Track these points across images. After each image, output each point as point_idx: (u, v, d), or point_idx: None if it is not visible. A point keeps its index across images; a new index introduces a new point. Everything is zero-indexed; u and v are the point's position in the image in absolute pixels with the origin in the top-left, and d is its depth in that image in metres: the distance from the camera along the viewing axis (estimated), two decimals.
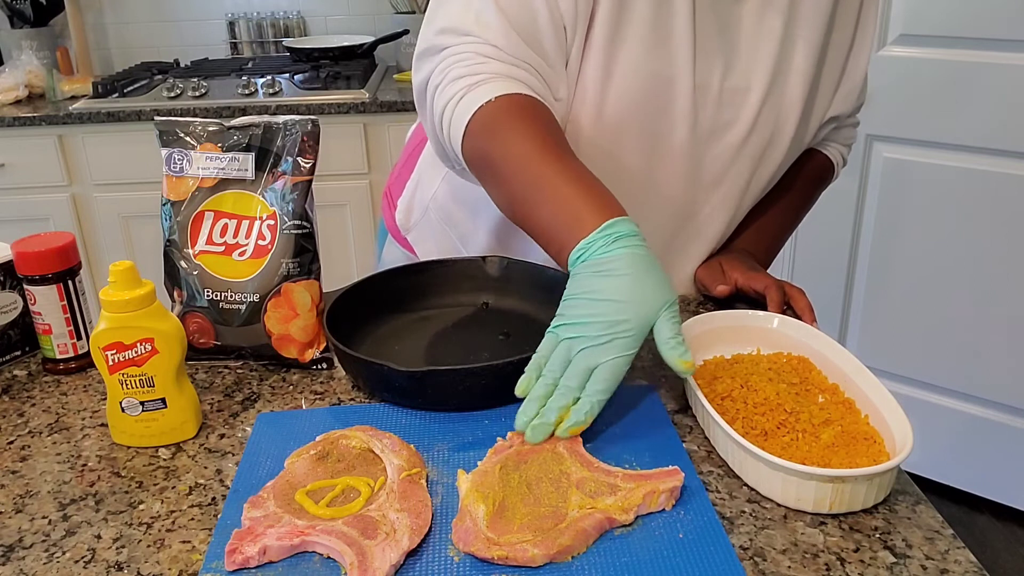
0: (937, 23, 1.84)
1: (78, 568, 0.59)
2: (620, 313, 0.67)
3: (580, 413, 0.66)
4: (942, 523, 0.61)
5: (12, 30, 2.55)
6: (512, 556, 0.56)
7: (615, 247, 0.70)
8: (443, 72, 0.83)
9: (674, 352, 0.68)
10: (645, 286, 0.68)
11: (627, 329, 0.67)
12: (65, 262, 0.83)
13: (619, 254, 0.69)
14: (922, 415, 2.05)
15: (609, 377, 0.67)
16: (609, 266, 0.69)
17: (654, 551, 0.58)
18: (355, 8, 2.68)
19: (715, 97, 0.89)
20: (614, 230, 0.70)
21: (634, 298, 0.68)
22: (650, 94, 0.87)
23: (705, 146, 0.92)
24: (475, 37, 0.82)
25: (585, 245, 0.71)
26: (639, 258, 0.69)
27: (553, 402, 0.67)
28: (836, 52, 0.94)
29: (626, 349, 0.67)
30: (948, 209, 1.92)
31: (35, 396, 0.83)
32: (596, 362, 0.67)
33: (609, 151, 0.91)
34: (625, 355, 0.67)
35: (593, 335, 0.67)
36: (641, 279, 0.69)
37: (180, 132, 0.84)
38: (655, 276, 0.70)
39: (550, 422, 0.66)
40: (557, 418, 0.66)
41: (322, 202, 0.86)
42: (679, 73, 0.86)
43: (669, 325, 0.68)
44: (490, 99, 0.79)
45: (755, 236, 1.05)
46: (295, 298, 0.82)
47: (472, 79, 0.80)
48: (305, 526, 0.59)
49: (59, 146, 2.21)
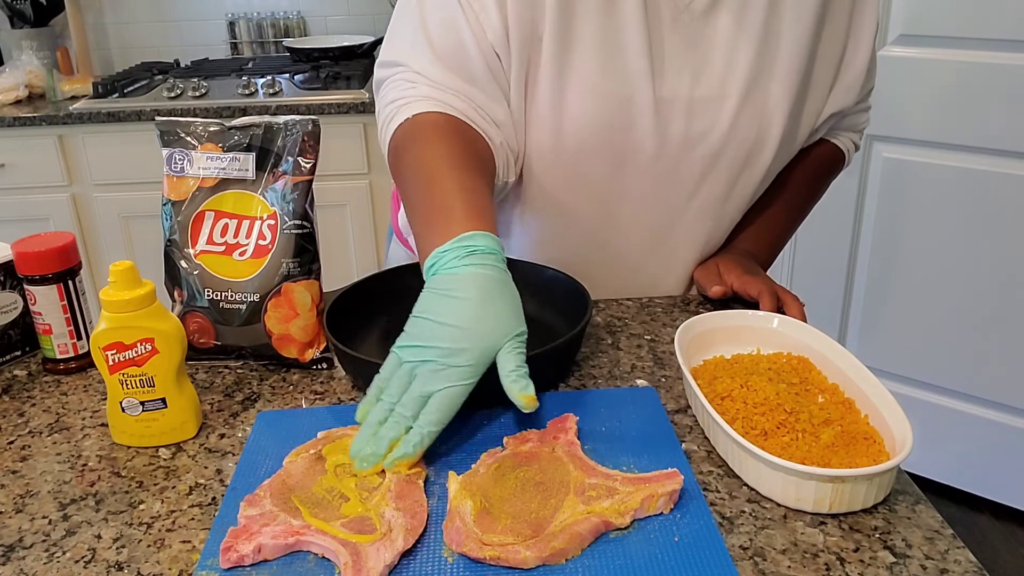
0: (937, 23, 1.84)
1: (78, 568, 0.59)
2: (459, 341, 0.65)
3: (408, 445, 0.63)
4: (942, 523, 0.61)
5: (12, 30, 2.55)
6: (504, 557, 0.56)
7: (465, 263, 0.67)
8: (381, 99, 0.90)
9: (515, 385, 0.64)
10: (488, 314, 0.66)
11: (465, 359, 0.64)
12: (65, 262, 0.83)
13: (467, 272, 0.67)
14: (922, 415, 2.05)
15: (443, 407, 0.64)
16: (454, 286, 0.67)
17: (649, 554, 0.58)
18: (355, 8, 2.68)
19: (684, 108, 0.88)
20: (470, 243, 0.68)
21: (475, 326, 0.65)
22: (608, 113, 0.87)
23: (678, 157, 0.91)
24: (405, 67, 0.87)
25: (438, 255, 0.69)
26: (488, 280, 0.67)
27: (385, 431, 0.65)
28: (828, 48, 0.91)
29: (462, 379, 0.64)
30: (948, 209, 1.92)
31: (35, 396, 0.83)
32: (431, 390, 0.64)
33: (572, 172, 0.91)
34: (461, 384, 0.64)
35: (431, 360, 0.65)
36: (486, 305, 0.66)
37: (181, 132, 0.84)
38: (502, 303, 0.67)
39: (380, 453, 0.64)
40: (388, 447, 0.64)
41: (322, 202, 0.86)
42: (637, 90, 0.86)
43: (512, 357, 0.65)
44: (408, 116, 0.84)
45: (756, 235, 1.05)
46: (295, 298, 0.82)
47: (400, 101, 0.86)
48: (300, 526, 0.59)
49: (59, 146, 2.21)
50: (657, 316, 0.95)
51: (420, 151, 0.81)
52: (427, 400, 0.64)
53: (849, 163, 1.12)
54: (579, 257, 0.97)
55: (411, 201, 0.80)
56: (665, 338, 0.89)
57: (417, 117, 0.83)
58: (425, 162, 0.80)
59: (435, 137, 0.82)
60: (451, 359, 0.64)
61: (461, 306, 0.66)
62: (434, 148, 0.80)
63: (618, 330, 0.91)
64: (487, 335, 0.65)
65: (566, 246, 0.98)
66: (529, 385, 0.64)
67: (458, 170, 0.78)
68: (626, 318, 0.94)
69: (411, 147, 0.82)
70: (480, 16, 0.83)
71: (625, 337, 0.90)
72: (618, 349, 0.87)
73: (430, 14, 0.86)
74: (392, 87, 0.88)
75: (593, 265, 0.97)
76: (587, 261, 0.97)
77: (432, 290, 0.68)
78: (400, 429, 0.64)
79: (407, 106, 0.85)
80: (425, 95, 0.85)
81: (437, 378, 0.64)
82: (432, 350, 0.65)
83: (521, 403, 0.64)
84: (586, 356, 0.85)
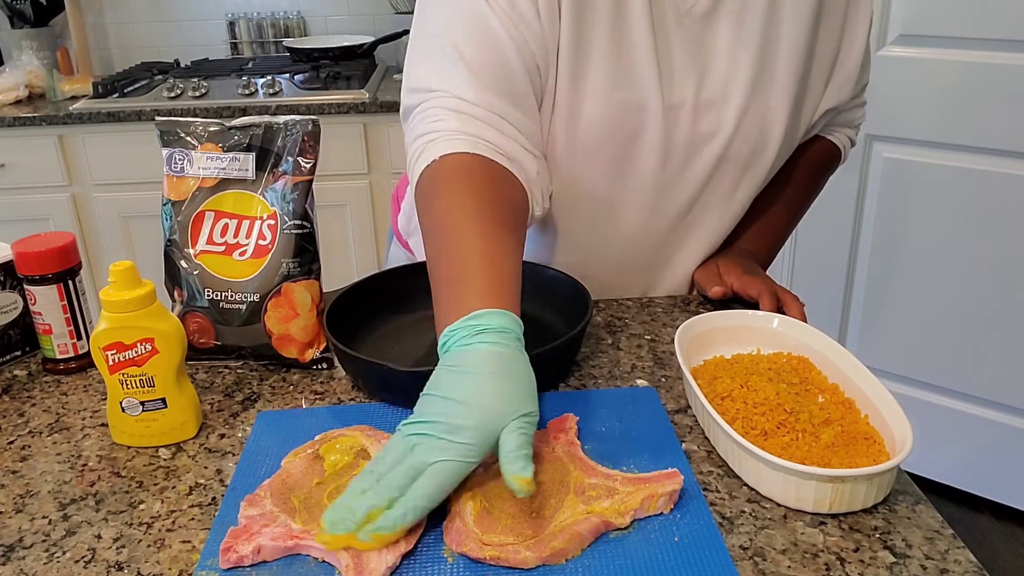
0: (937, 23, 1.84)
1: (78, 568, 0.59)
2: (463, 417, 0.60)
3: (390, 519, 0.57)
4: (942, 523, 0.61)
5: (12, 30, 2.55)
6: (504, 557, 0.56)
7: (475, 340, 0.63)
8: (410, 131, 0.83)
9: (512, 466, 0.58)
10: (496, 389, 0.61)
11: (466, 437, 0.59)
12: (65, 262, 0.83)
13: (477, 350, 0.63)
14: (922, 415, 2.05)
15: (435, 481, 0.58)
16: (464, 361, 0.63)
17: (649, 554, 0.58)
18: (355, 8, 2.68)
19: (690, 112, 0.88)
20: (480, 322, 0.64)
21: (481, 402, 0.61)
22: (620, 122, 0.86)
23: (682, 161, 0.91)
24: (441, 92, 0.81)
25: (449, 333, 0.65)
26: (498, 357, 0.63)
27: (366, 498, 0.58)
28: (825, 44, 0.91)
29: (461, 456, 0.59)
30: (948, 209, 1.92)
31: (35, 396, 0.83)
32: (426, 462, 0.59)
33: (578, 177, 0.91)
34: (458, 461, 0.59)
35: (432, 435, 0.60)
36: (495, 381, 0.62)
37: (181, 132, 0.84)
38: (511, 381, 0.63)
39: (355, 518, 0.57)
40: (364, 516, 0.57)
41: (322, 202, 0.86)
42: (647, 97, 0.85)
43: (515, 436, 0.60)
44: (435, 158, 0.78)
45: (756, 235, 1.05)
46: (295, 298, 0.82)
47: (429, 136, 0.80)
48: (300, 531, 0.59)
49: (59, 146, 2.21)
50: (657, 316, 0.95)
51: (444, 204, 0.75)
52: (419, 474, 0.59)
53: (845, 159, 1.12)
54: (581, 258, 0.97)
55: (431, 261, 0.74)
56: (665, 338, 0.89)
57: (444, 160, 0.77)
58: (448, 218, 0.74)
59: (461, 187, 0.76)
60: (452, 435, 0.59)
61: (468, 380, 0.62)
62: (458, 202, 0.75)
63: (618, 330, 0.91)
64: (491, 411, 0.61)
65: (568, 247, 0.98)
66: (528, 467, 0.58)
67: (482, 230, 0.72)
68: (626, 318, 0.94)
69: (435, 197, 0.77)
70: (519, 25, 0.79)
71: (625, 337, 0.90)
72: (618, 349, 0.87)
73: (458, 29, 0.80)
74: (421, 119, 0.82)
75: (595, 267, 0.97)
76: (589, 263, 0.97)
77: (443, 367, 0.64)
78: (383, 500, 0.58)
79: (434, 144, 0.79)
80: (455, 130, 0.79)
81: (435, 452, 0.59)
82: (433, 424, 0.60)
83: (515, 486, 0.58)
84: (586, 356, 0.85)
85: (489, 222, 0.73)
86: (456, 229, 0.73)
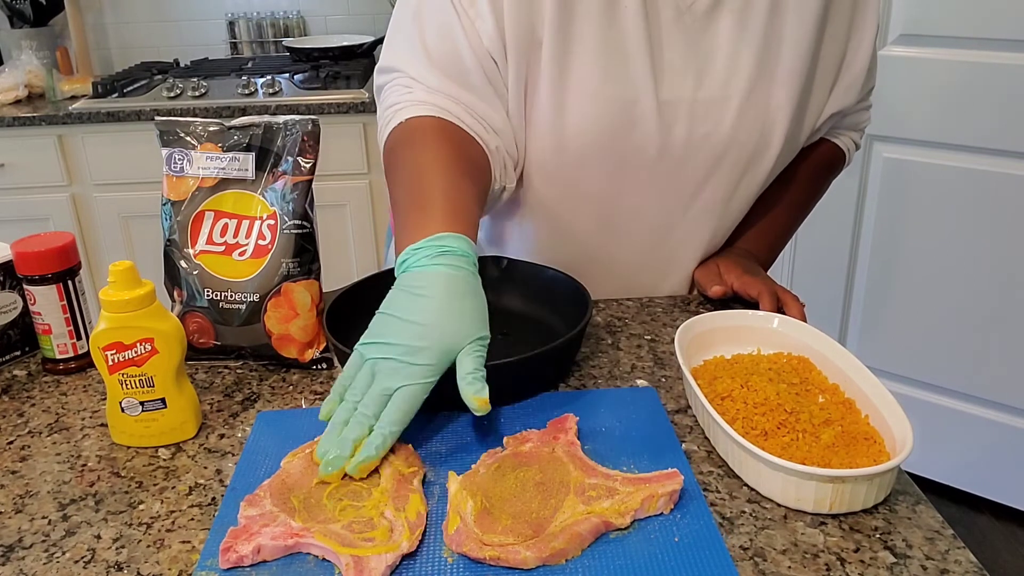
0: (937, 23, 1.84)
1: (78, 568, 0.59)
2: (422, 338, 0.64)
3: (371, 447, 0.63)
4: (942, 523, 0.61)
5: (12, 30, 2.55)
6: (504, 558, 0.56)
7: (437, 262, 0.67)
8: (381, 103, 0.91)
9: (470, 388, 0.63)
10: (454, 313, 0.66)
11: (425, 358, 0.64)
12: (65, 262, 0.83)
13: (436, 271, 0.67)
14: (922, 415, 2.05)
15: (403, 406, 0.64)
16: (422, 283, 0.67)
17: (649, 555, 0.57)
18: (355, 8, 2.68)
19: (687, 111, 0.88)
20: (444, 243, 0.68)
21: (439, 323, 0.65)
22: (611, 118, 0.87)
23: (680, 160, 0.91)
24: (402, 72, 0.88)
25: (410, 252, 0.69)
26: (456, 280, 0.67)
27: (348, 432, 0.64)
28: (830, 47, 0.91)
29: (423, 377, 0.64)
30: (948, 209, 1.92)
31: (35, 396, 0.83)
32: (392, 387, 0.64)
33: (574, 176, 0.91)
34: (421, 383, 0.64)
35: (393, 358, 0.64)
36: (452, 305, 0.66)
37: (180, 132, 0.84)
38: (469, 304, 0.67)
39: (345, 455, 0.63)
40: (353, 448, 0.63)
41: (322, 202, 0.86)
42: (640, 94, 0.86)
43: (472, 359, 0.65)
44: (403, 120, 0.84)
45: (757, 235, 1.05)
46: (295, 298, 0.82)
47: (397, 106, 0.86)
48: (300, 528, 0.59)
49: (59, 146, 2.21)
50: (657, 316, 0.95)
51: (411, 153, 0.82)
52: (388, 398, 0.64)
53: (850, 162, 1.12)
54: (580, 259, 0.97)
55: (395, 199, 0.80)
56: (665, 338, 0.89)
57: (411, 121, 0.84)
58: (414, 163, 0.80)
59: (428, 140, 0.82)
60: (411, 357, 0.64)
61: (426, 304, 0.66)
62: (425, 150, 0.81)
63: (618, 330, 0.91)
64: (449, 334, 0.65)
65: (567, 248, 0.98)
66: (484, 388, 0.63)
67: (445, 171, 0.78)
68: (626, 318, 0.94)
69: (403, 149, 0.83)
70: (476, 22, 0.84)
71: (625, 337, 0.90)
72: (618, 349, 0.87)
73: (427, 20, 0.86)
74: (390, 92, 0.89)
75: (594, 267, 0.97)
76: (588, 263, 0.97)
77: (400, 288, 0.68)
78: (364, 429, 0.64)
79: (403, 110, 0.85)
80: (421, 99, 0.85)
81: (397, 376, 0.64)
82: (393, 347, 0.64)
83: (474, 405, 0.63)
84: (586, 356, 0.85)
85: (452, 168, 0.79)
86: (423, 170, 0.78)
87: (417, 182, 0.78)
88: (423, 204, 0.75)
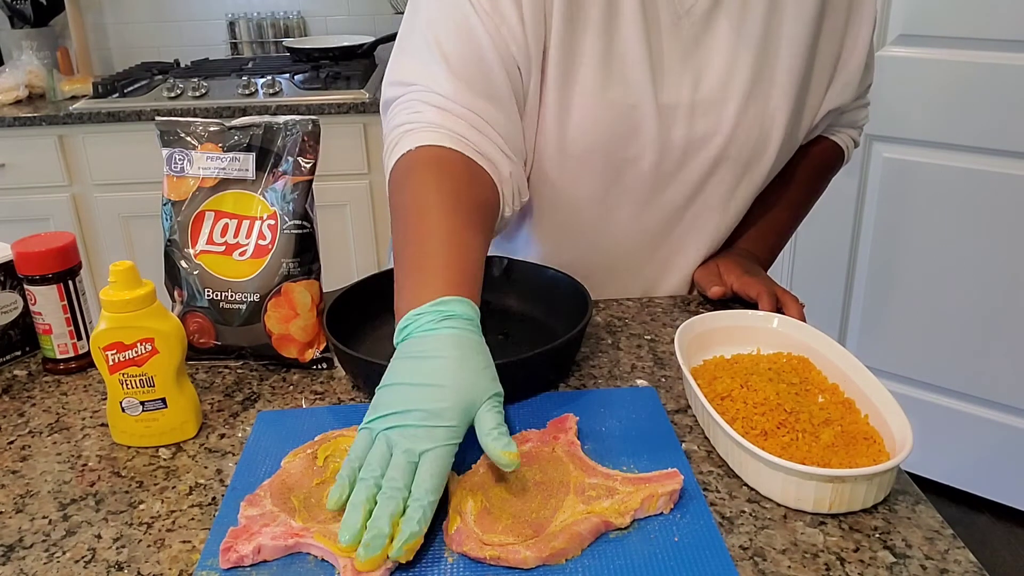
0: (937, 23, 1.84)
1: (78, 568, 0.59)
2: (441, 400, 0.60)
3: (413, 522, 0.55)
4: (942, 523, 0.61)
5: (12, 30, 2.55)
6: (504, 557, 0.56)
7: (441, 326, 0.64)
8: (388, 121, 0.85)
9: (497, 444, 0.59)
10: (468, 371, 0.62)
11: (449, 419, 0.60)
12: (65, 262, 0.83)
13: (443, 334, 0.63)
14: (922, 415, 2.05)
15: (436, 471, 0.58)
16: (429, 347, 0.63)
17: (649, 554, 0.57)
18: (355, 8, 2.68)
19: (686, 113, 0.88)
20: (447, 308, 0.65)
21: (456, 383, 0.61)
22: (612, 122, 0.86)
23: (680, 162, 0.91)
24: (420, 86, 0.82)
25: (413, 317, 0.65)
26: (465, 340, 0.64)
27: (382, 509, 0.56)
28: (827, 45, 0.91)
29: (449, 439, 0.59)
30: (948, 209, 1.92)
31: (35, 396, 0.83)
32: (419, 450, 0.58)
33: (574, 179, 0.91)
34: (448, 444, 0.59)
35: (412, 424, 0.59)
36: (465, 364, 0.62)
37: (181, 132, 0.84)
38: (482, 362, 0.64)
39: (385, 532, 0.55)
40: (391, 527, 0.55)
41: (322, 202, 0.86)
42: (640, 98, 0.86)
43: (492, 415, 0.61)
44: (411, 148, 0.79)
45: (757, 236, 1.05)
46: (295, 298, 0.82)
47: (407, 127, 0.81)
48: (300, 528, 0.59)
49: (59, 146, 2.21)
50: (657, 316, 0.95)
51: (415, 191, 0.76)
52: (415, 467, 0.58)
53: (848, 160, 1.12)
54: (580, 260, 0.97)
55: (397, 245, 0.75)
56: (665, 338, 0.89)
57: (420, 150, 0.78)
58: (417, 205, 0.75)
59: (434, 177, 0.77)
60: (434, 420, 0.59)
61: (441, 364, 0.62)
62: (429, 190, 0.76)
63: (618, 330, 0.91)
64: (467, 392, 0.61)
65: (567, 249, 0.98)
66: (511, 443, 0.60)
67: (449, 221, 0.73)
68: (626, 318, 0.94)
69: (406, 185, 0.78)
70: (501, 28, 0.80)
71: (625, 337, 0.90)
72: (618, 349, 0.87)
73: (442, 28, 0.82)
74: (400, 109, 0.83)
75: (594, 267, 0.97)
76: (588, 264, 0.97)
77: (404, 356, 0.64)
78: (397, 503, 0.56)
79: (412, 134, 0.80)
80: (432, 122, 0.80)
81: (421, 441, 0.59)
82: (410, 414, 0.60)
83: (504, 461, 0.59)
84: (586, 356, 0.85)
85: (457, 215, 0.74)
86: (425, 217, 0.73)
87: (419, 230, 0.73)
88: (424, 261, 0.70)
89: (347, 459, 0.60)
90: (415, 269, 0.70)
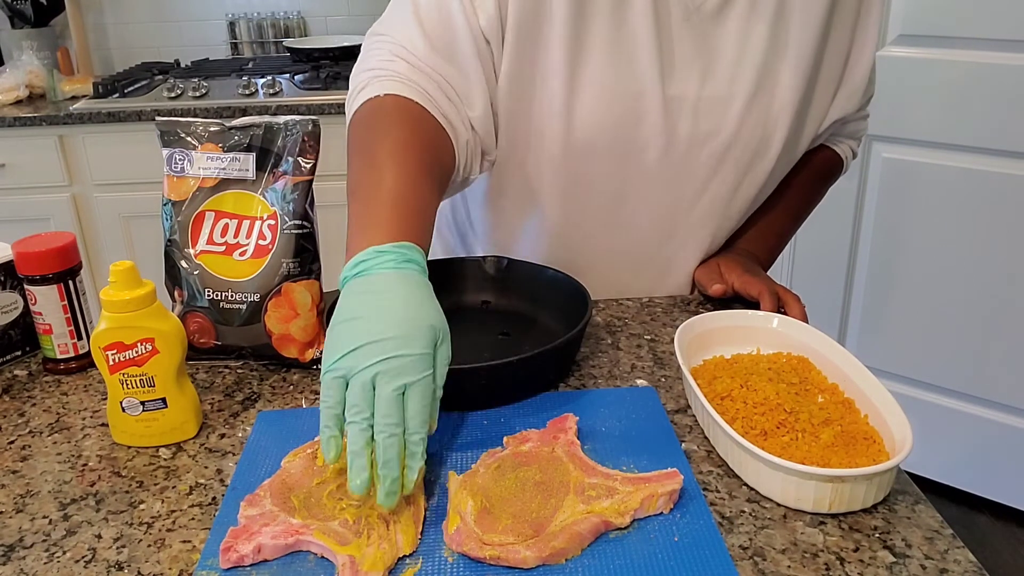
0: (937, 23, 1.84)
1: (78, 568, 0.59)
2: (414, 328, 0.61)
3: (417, 457, 0.58)
4: (942, 523, 0.62)
5: (12, 30, 2.55)
6: (504, 557, 0.56)
7: (404, 266, 0.66)
8: (359, 63, 0.89)
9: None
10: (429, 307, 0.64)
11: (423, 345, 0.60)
12: (66, 262, 0.83)
13: (406, 273, 0.65)
14: (922, 415, 2.05)
15: (425, 403, 0.59)
16: (393, 283, 0.64)
17: (649, 554, 0.58)
18: (355, 8, 2.68)
19: (692, 108, 0.89)
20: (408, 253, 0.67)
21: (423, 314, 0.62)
22: (618, 111, 0.87)
23: (684, 156, 0.91)
24: (391, 37, 0.87)
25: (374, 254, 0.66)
26: (422, 284, 0.65)
27: (390, 452, 0.57)
28: (834, 54, 0.92)
29: (426, 368, 0.60)
30: (948, 209, 1.92)
31: (35, 396, 0.83)
32: (405, 385, 0.58)
33: (579, 171, 0.92)
34: (427, 374, 0.60)
35: (390, 355, 0.58)
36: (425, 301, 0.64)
37: (181, 132, 0.85)
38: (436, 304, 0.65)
39: (397, 475, 0.57)
40: (401, 467, 0.57)
41: (322, 202, 0.86)
42: (647, 88, 0.86)
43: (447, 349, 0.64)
44: (379, 94, 0.82)
45: (758, 236, 1.05)
46: (295, 298, 0.82)
47: (377, 72, 0.85)
48: (300, 525, 0.59)
49: (59, 146, 2.21)
50: (657, 316, 0.95)
51: (375, 135, 0.79)
52: (404, 399, 0.59)
53: (847, 170, 1.13)
54: (582, 256, 0.97)
55: (352, 186, 0.76)
56: (665, 338, 0.89)
57: (387, 98, 0.81)
58: (376, 148, 0.77)
59: (394, 123, 0.80)
60: (410, 346, 0.59)
61: (405, 296, 0.63)
62: (389, 136, 0.78)
63: (618, 330, 0.91)
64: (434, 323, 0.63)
65: (570, 244, 0.98)
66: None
67: (411, 165, 0.75)
68: (626, 318, 0.94)
69: (368, 129, 0.80)
70: (475, 1, 0.83)
71: (625, 337, 0.90)
72: (618, 349, 0.87)
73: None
74: (373, 54, 0.88)
75: (596, 264, 0.98)
76: (590, 260, 0.97)
77: (356, 292, 0.64)
78: (399, 441, 0.57)
79: (378, 81, 0.83)
80: (402, 74, 0.84)
81: (407, 372, 0.59)
82: (388, 342, 0.59)
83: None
84: (586, 356, 0.85)
85: (421, 165, 0.76)
86: (389, 159, 0.75)
87: (380, 176, 0.74)
88: (385, 203, 0.71)
89: (324, 407, 0.60)
90: (378, 205, 0.71)
